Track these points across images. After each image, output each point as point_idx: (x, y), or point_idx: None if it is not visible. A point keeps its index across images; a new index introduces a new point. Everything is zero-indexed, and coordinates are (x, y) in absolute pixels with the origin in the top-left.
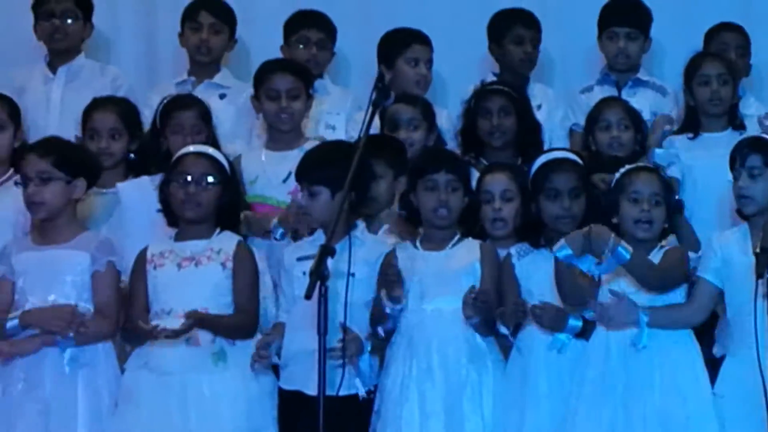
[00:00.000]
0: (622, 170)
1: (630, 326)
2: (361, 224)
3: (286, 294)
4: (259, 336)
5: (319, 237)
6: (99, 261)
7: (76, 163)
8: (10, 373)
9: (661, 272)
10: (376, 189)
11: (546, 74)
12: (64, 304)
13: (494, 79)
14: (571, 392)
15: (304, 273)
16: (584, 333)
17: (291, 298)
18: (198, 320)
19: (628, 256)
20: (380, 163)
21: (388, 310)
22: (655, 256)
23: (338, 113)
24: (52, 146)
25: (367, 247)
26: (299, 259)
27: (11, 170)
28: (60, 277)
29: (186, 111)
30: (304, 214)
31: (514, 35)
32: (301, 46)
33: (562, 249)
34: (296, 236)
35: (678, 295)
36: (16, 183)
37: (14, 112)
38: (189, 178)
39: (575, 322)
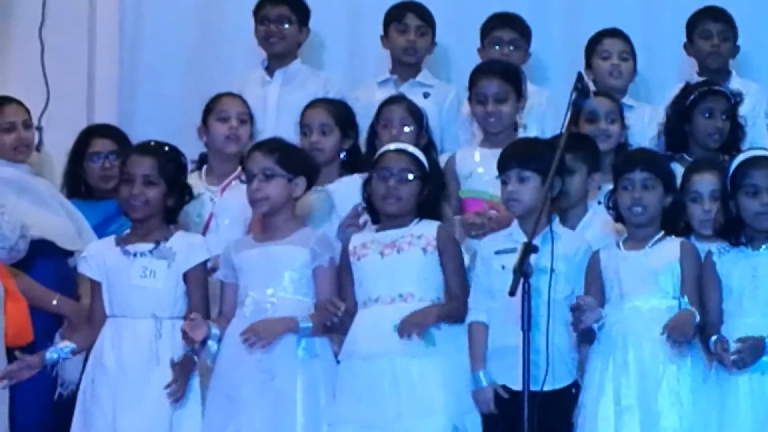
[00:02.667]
0: None
1: None
2: (556, 218)
3: (483, 287)
4: None
5: (516, 229)
6: (321, 257)
7: (298, 162)
8: (244, 361)
9: None
10: (570, 184)
11: (748, 71)
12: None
13: (697, 77)
14: None
15: (503, 267)
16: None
17: (489, 292)
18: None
19: None
20: (575, 158)
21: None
22: None
23: (530, 112)
24: (276, 145)
25: (563, 242)
26: (497, 253)
27: (239, 168)
28: (278, 272)
29: (393, 104)
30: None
31: (701, 30)
32: (495, 47)
33: None
34: None
35: None
36: (240, 180)
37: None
38: (389, 173)
39: None
